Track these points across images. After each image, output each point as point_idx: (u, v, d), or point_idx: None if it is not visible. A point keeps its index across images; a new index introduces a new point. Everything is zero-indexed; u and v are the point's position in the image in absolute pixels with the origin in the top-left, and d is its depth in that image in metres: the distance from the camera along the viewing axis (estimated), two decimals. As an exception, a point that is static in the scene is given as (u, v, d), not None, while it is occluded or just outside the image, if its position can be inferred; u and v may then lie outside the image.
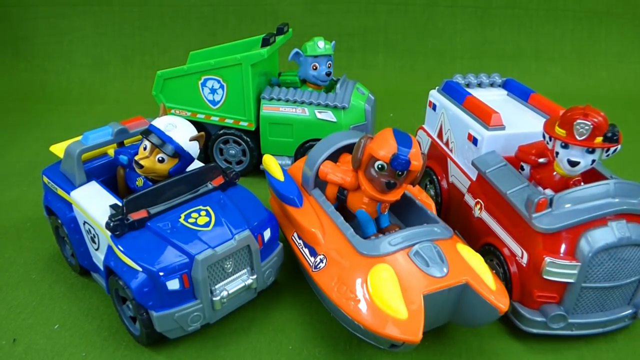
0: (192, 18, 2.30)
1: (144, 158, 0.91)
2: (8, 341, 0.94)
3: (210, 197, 0.94)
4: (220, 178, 0.98)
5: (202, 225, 0.88)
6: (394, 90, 2.17)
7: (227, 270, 0.88)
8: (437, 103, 1.25)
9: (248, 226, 0.90)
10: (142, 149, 0.93)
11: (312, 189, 1.01)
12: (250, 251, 0.90)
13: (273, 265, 0.97)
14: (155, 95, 1.46)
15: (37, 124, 1.90)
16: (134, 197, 0.87)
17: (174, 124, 0.93)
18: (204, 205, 0.92)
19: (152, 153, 0.92)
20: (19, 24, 2.27)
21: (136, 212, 0.87)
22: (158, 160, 0.92)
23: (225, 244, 0.86)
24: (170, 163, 0.93)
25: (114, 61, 2.29)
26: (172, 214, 0.89)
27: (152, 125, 0.93)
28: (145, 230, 0.87)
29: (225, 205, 0.92)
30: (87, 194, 0.97)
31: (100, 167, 1.07)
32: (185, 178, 0.93)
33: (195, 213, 0.90)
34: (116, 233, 0.85)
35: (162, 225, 0.87)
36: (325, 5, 2.29)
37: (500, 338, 0.95)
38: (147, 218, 0.87)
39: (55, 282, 1.08)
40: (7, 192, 1.42)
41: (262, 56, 1.34)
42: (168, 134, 0.91)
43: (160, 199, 0.90)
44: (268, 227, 0.95)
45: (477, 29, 2.31)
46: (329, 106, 1.37)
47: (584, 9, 2.29)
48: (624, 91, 2.18)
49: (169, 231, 0.86)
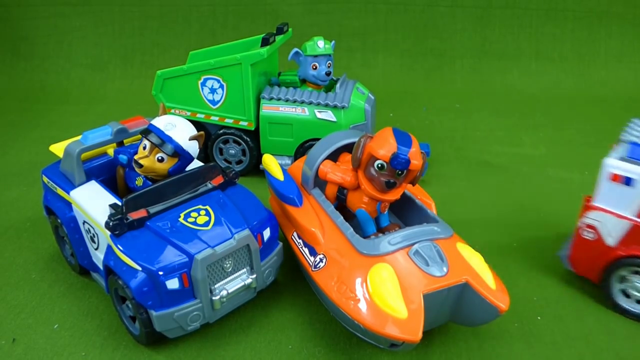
0: (192, 18, 2.30)
1: (144, 157, 0.91)
2: (8, 341, 0.94)
3: (209, 196, 0.94)
4: (219, 177, 0.98)
5: (202, 225, 0.87)
6: (394, 90, 2.17)
7: (227, 269, 0.88)
8: (634, 176, 0.94)
9: (248, 225, 0.90)
10: (141, 148, 0.93)
11: (312, 189, 1.01)
12: (250, 250, 0.90)
13: (273, 265, 0.97)
14: (155, 95, 1.46)
15: (37, 123, 1.90)
16: (133, 197, 0.86)
17: (174, 123, 0.93)
18: (204, 205, 0.91)
19: (152, 152, 0.92)
20: (19, 24, 2.28)
21: (136, 211, 0.87)
22: (157, 159, 0.92)
23: (225, 244, 0.86)
24: (169, 162, 0.93)
25: (114, 61, 2.29)
26: (172, 213, 0.89)
27: (152, 124, 0.93)
28: (144, 230, 0.87)
29: (224, 205, 0.92)
30: (86, 194, 0.97)
31: (99, 167, 1.07)
32: (185, 177, 0.93)
33: (194, 212, 0.90)
34: (116, 232, 0.85)
35: (161, 224, 0.87)
36: (325, 5, 2.29)
37: (500, 338, 0.95)
38: (146, 217, 0.87)
39: (55, 281, 1.08)
40: (7, 192, 1.42)
41: (262, 56, 1.34)
42: (167, 133, 0.91)
43: (159, 198, 0.90)
44: (268, 226, 0.95)
45: (477, 29, 2.31)
46: (328, 106, 1.37)
47: (584, 9, 2.28)
48: (624, 91, 2.18)
49: (169, 230, 0.86)
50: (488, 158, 1.62)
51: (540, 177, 1.50)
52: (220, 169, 0.99)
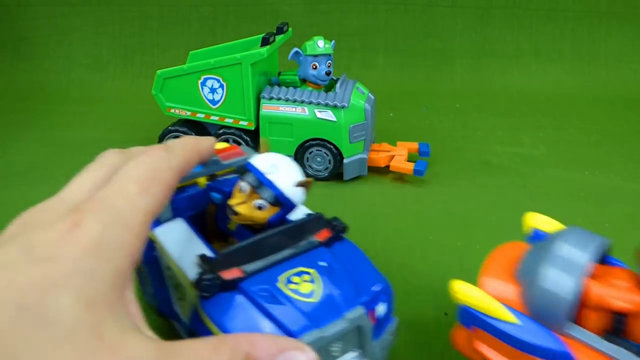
0: (192, 18, 2.30)
1: (241, 204, 0.77)
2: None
3: (314, 255, 0.77)
4: (325, 231, 0.81)
5: (306, 295, 0.71)
6: (394, 90, 2.17)
7: (334, 353, 0.71)
8: None
9: (361, 300, 0.72)
10: (237, 191, 0.78)
11: (566, 325, 0.64)
12: (362, 331, 0.72)
13: (385, 345, 0.79)
14: (155, 94, 1.46)
15: (37, 123, 1.90)
16: (227, 253, 0.73)
17: (278, 165, 0.78)
18: (308, 267, 0.75)
19: (250, 198, 0.77)
20: (19, 24, 2.28)
21: (229, 269, 0.72)
22: (255, 206, 0.77)
23: (334, 324, 0.68)
24: (270, 211, 0.77)
25: (114, 61, 2.29)
26: (270, 274, 0.73)
27: (251, 164, 0.79)
28: (238, 294, 0.71)
29: (332, 270, 0.75)
30: (172, 236, 0.83)
31: (188, 199, 0.91)
32: (288, 231, 0.78)
33: (296, 277, 0.74)
34: (205, 294, 0.70)
35: (258, 289, 0.71)
36: (325, 5, 2.29)
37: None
38: (241, 279, 0.72)
39: (55, 281, 1.08)
40: (7, 192, 1.42)
41: (262, 55, 1.34)
42: (269, 177, 0.76)
43: (257, 254, 0.75)
44: (384, 301, 0.76)
45: (477, 29, 2.31)
46: (328, 105, 1.37)
47: (584, 9, 2.29)
48: (624, 91, 2.18)
49: (267, 299, 0.70)
50: (488, 158, 1.62)
51: (540, 177, 1.50)
52: (326, 221, 0.82)
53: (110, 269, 0.44)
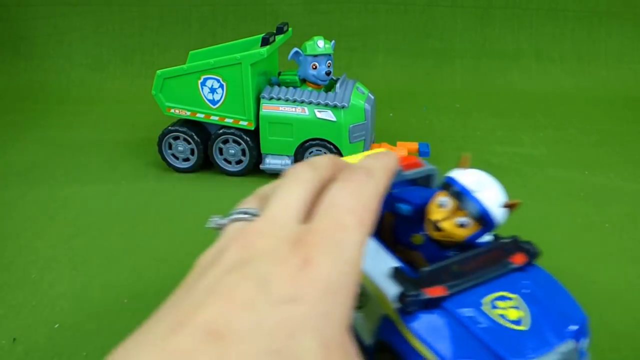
0: (192, 18, 2.30)
1: (445, 220, 0.74)
2: (8, 341, 0.94)
3: (514, 280, 0.73)
4: (521, 255, 0.76)
5: (514, 322, 0.66)
6: (394, 90, 2.17)
7: None
8: None
9: (571, 333, 0.67)
10: (435, 205, 0.76)
11: None
12: None
13: None
14: (154, 94, 1.46)
15: (37, 123, 1.90)
16: (432, 270, 0.70)
17: (484, 183, 0.76)
18: (510, 292, 0.71)
19: (454, 215, 0.74)
20: (19, 24, 2.28)
21: (431, 287, 0.69)
22: (458, 224, 0.74)
23: (546, 357, 0.63)
24: (472, 229, 0.74)
25: (114, 61, 2.29)
26: (473, 296, 0.70)
27: (455, 180, 0.76)
28: (442, 313, 0.68)
29: (536, 297, 0.70)
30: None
31: None
32: (490, 252, 0.75)
33: (500, 301, 0.69)
34: (408, 310, 0.68)
35: (463, 311, 0.67)
36: (325, 5, 2.29)
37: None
38: (444, 298, 0.69)
39: (55, 281, 1.08)
40: (7, 191, 1.42)
41: (262, 55, 1.34)
42: (477, 195, 0.73)
43: (459, 273, 0.71)
44: (586, 335, 0.71)
45: (477, 29, 2.31)
46: (328, 105, 1.37)
47: (584, 9, 2.29)
48: (623, 91, 2.18)
49: (474, 321, 0.66)
50: (488, 158, 1.62)
51: (540, 177, 1.50)
52: (519, 243, 0.77)
53: (341, 310, 0.44)
